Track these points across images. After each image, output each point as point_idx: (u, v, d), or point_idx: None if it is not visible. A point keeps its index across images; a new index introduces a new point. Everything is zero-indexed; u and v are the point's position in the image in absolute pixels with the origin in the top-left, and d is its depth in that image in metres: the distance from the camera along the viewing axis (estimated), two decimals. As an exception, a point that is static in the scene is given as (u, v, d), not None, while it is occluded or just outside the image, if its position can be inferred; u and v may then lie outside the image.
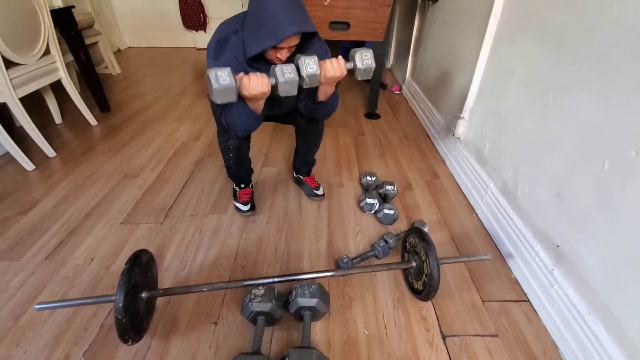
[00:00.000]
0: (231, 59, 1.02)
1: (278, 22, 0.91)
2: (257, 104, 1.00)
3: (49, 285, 1.12)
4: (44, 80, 1.90)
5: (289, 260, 1.22)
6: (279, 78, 0.91)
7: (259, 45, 0.95)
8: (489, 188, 1.41)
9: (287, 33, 0.91)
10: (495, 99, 1.41)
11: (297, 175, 1.59)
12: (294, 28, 0.92)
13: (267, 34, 0.92)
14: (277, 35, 0.91)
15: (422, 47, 2.43)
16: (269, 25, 0.91)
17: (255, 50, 0.97)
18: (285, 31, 0.91)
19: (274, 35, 0.92)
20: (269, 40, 0.93)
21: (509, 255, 1.24)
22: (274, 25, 0.91)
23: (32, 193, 1.56)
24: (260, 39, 0.94)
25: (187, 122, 2.28)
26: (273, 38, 0.92)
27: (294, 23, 0.91)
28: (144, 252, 0.95)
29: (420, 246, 1.02)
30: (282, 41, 0.93)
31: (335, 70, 0.97)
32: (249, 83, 0.90)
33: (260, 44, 0.95)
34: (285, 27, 0.91)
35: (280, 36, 0.91)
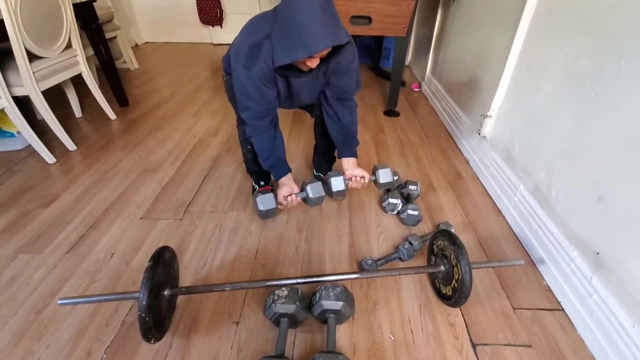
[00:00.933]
0: (263, 69, 0.98)
1: (311, 33, 0.85)
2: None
3: (71, 279, 1.11)
4: (66, 73, 1.91)
5: (310, 261, 1.19)
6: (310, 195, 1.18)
7: (289, 55, 0.91)
8: (518, 190, 1.35)
9: (320, 47, 0.86)
10: (527, 97, 1.35)
11: (317, 173, 1.55)
12: (328, 41, 0.87)
13: (299, 45, 0.87)
14: (309, 48, 0.86)
15: (444, 43, 2.36)
16: (302, 36, 0.86)
17: (285, 61, 0.92)
18: (318, 45, 0.86)
19: (307, 48, 0.87)
20: (301, 52, 0.88)
21: (541, 260, 1.18)
22: (306, 37, 0.85)
23: (53, 186, 1.56)
24: (292, 49, 0.89)
25: (204, 118, 2.27)
26: (305, 50, 0.87)
27: (328, 36, 0.86)
28: (166, 249, 0.93)
29: (451, 250, 0.97)
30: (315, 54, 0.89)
31: (358, 186, 1.27)
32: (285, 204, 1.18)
33: (291, 55, 0.90)
34: (319, 40, 0.85)
35: (314, 50, 0.87)
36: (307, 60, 0.93)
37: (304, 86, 1.10)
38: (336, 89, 1.18)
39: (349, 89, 1.19)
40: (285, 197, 1.17)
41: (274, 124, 1.14)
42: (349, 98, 1.22)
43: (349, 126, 1.25)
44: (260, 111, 1.07)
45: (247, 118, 1.09)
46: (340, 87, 1.17)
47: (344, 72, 1.12)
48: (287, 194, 1.17)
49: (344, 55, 1.05)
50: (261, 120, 1.10)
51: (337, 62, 1.06)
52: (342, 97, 1.20)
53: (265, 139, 1.13)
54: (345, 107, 1.22)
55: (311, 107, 1.32)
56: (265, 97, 1.04)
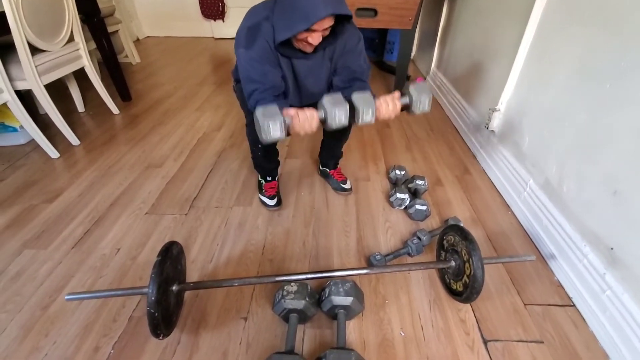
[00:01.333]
0: (264, 47, 0.97)
1: (311, 4, 0.85)
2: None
3: (77, 274, 1.10)
4: (68, 67, 1.89)
5: (318, 256, 1.18)
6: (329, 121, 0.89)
7: (290, 29, 0.90)
8: (527, 185, 1.33)
9: (321, 14, 0.85)
10: (538, 90, 1.32)
11: (323, 169, 1.53)
12: (329, 9, 0.86)
13: (299, 17, 0.87)
14: (309, 17, 0.85)
15: (451, 36, 2.32)
16: (302, 8, 0.86)
17: (285, 35, 0.91)
18: (319, 12, 0.85)
19: (307, 18, 0.86)
20: (302, 24, 0.87)
21: (551, 256, 1.16)
22: (307, 7, 0.85)
23: (57, 181, 1.55)
24: (293, 22, 0.88)
25: (207, 113, 2.25)
26: (306, 20, 0.86)
27: (328, 4, 0.85)
28: (174, 244, 0.91)
29: (462, 245, 0.96)
30: (315, 23, 0.87)
31: (390, 113, 0.97)
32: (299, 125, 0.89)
33: (291, 28, 0.89)
34: (319, 9, 0.85)
35: (314, 18, 0.85)
36: (309, 36, 0.91)
37: (310, 71, 1.07)
38: (346, 72, 1.12)
39: (360, 69, 1.12)
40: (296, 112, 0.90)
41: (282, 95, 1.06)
42: (361, 79, 1.14)
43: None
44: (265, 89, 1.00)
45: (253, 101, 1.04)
46: (350, 67, 1.11)
47: (351, 53, 1.09)
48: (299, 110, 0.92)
49: (349, 36, 1.02)
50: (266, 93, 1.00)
51: (343, 43, 1.04)
52: (353, 77, 1.12)
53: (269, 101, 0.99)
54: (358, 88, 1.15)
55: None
56: (269, 77, 1.00)
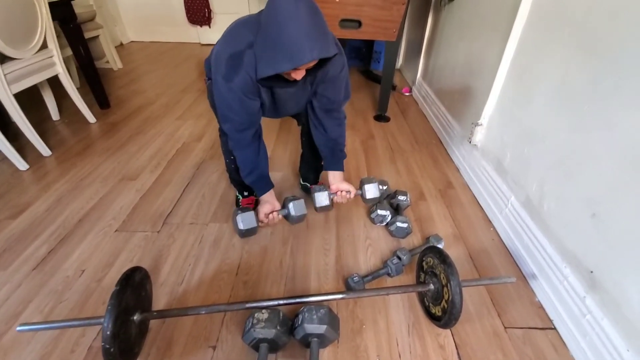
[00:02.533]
0: (245, 80, 0.92)
1: (297, 45, 0.79)
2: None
3: (36, 299, 1.03)
4: (41, 75, 1.82)
5: (294, 277, 1.14)
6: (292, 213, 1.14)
7: (272, 67, 0.84)
8: (509, 201, 1.32)
9: (306, 60, 0.80)
10: (519, 107, 1.31)
11: (304, 183, 1.50)
12: (314, 54, 0.80)
13: (283, 57, 0.81)
14: (294, 59, 0.80)
15: (435, 48, 2.33)
16: (286, 48, 0.79)
17: (268, 72, 0.86)
18: (304, 56, 0.80)
19: (291, 59, 0.80)
20: (285, 64, 0.81)
21: (532, 276, 1.14)
22: (291, 49, 0.79)
23: (24, 195, 1.47)
24: (276, 61, 0.82)
25: (189, 122, 2.19)
26: (290, 62, 0.81)
27: (314, 48, 0.80)
28: (137, 271, 0.86)
29: (441, 268, 0.93)
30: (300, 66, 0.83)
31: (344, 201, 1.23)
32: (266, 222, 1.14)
33: (274, 67, 0.84)
34: (304, 53, 0.79)
35: (299, 62, 0.80)
36: (292, 72, 0.87)
37: (290, 97, 1.05)
38: (324, 100, 1.12)
39: (337, 100, 1.13)
40: (266, 214, 1.12)
41: (257, 137, 1.08)
42: (337, 109, 1.16)
43: (337, 139, 1.20)
44: (243, 123, 1.02)
45: (228, 130, 1.04)
46: (328, 98, 1.11)
47: (332, 82, 1.07)
48: (269, 212, 1.12)
49: (332, 66, 0.99)
50: (243, 133, 1.04)
51: (325, 72, 1.01)
52: (329, 108, 1.14)
53: (248, 153, 1.08)
54: (333, 119, 1.16)
55: (298, 115, 1.26)
56: (248, 109, 0.99)
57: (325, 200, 1.18)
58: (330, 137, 1.19)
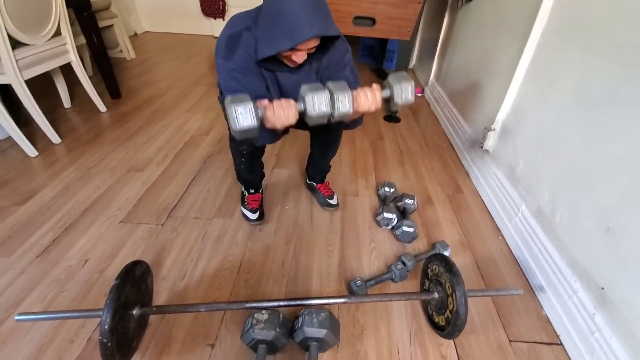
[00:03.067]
0: (244, 57, 0.90)
1: (297, 22, 0.79)
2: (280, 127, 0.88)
3: (38, 287, 1.04)
4: (53, 62, 1.83)
5: (296, 277, 1.12)
6: (309, 109, 0.82)
7: (272, 46, 0.84)
8: (520, 210, 1.28)
9: (306, 36, 0.79)
10: (534, 113, 1.27)
11: (309, 182, 1.48)
12: (314, 30, 0.80)
13: (283, 35, 0.81)
14: (294, 37, 0.80)
15: (450, 49, 2.28)
16: (286, 26, 0.80)
17: (268, 52, 0.86)
18: (304, 34, 0.79)
19: (291, 37, 0.80)
20: (285, 42, 0.81)
21: (540, 288, 1.11)
22: (291, 26, 0.79)
23: (32, 182, 1.49)
24: (275, 39, 0.83)
25: (198, 115, 2.19)
26: (290, 40, 0.80)
27: (314, 25, 0.80)
28: (138, 265, 0.85)
29: (446, 277, 0.90)
30: (300, 44, 0.82)
31: (369, 104, 0.88)
32: (274, 115, 0.81)
33: (274, 46, 0.84)
34: (304, 29, 0.79)
35: (299, 39, 0.80)
36: (293, 54, 0.86)
37: (295, 86, 1.02)
38: None
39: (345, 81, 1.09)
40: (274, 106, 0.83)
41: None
42: None
43: None
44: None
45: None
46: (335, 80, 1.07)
47: (337, 66, 1.03)
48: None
49: (335, 50, 0.97)
50: None
51: (329, 57, 0.99)
52: None
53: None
54: None
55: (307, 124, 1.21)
56: (252, 87, 0.93)
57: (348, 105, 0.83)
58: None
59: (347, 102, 0.83)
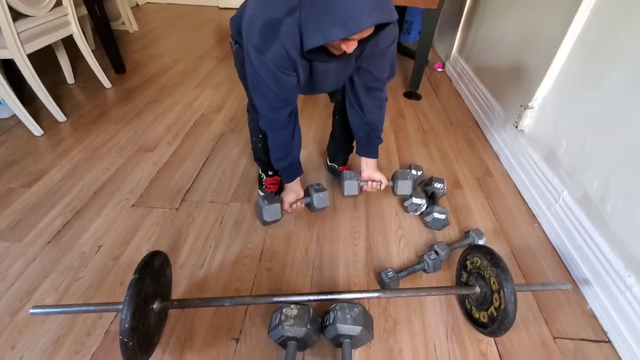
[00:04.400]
0: (280, 54, 0.78)
1: (353, 6, 0.65)
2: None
3: (51, 275, 0.98)
4: (55, 35, 1.71)
5: (321, 266, 1.06)
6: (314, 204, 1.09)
7: (323, 35, 0.70)
8: (560, 196, 1.18)
9: (365, 25, 0.67)
10: (583, 90, 1.15)
11: (331, 164, 1.38)
12: (374, 18, 0.67)
13: (336, 22, 0.67)
14: (349, 25, 0.67)
15: (478, 19, 2.10)
16: (340, 11, 0.66)
17: (317, 42, 0.72)
18: (362, 21, 0.66)
19: (345, 25, 0.67)
20: (339, 31, 0.68)
21: (585, 281, 1.03)
22: (347, 11, 0.66)
23: (38, 162, 1.41)
24: (326, 27, 0.69)
25: (207, 91, 2.07)
26: (344, 29, 0.67)
27: (374, 10, 0.66)
28: (157, 256, 0.79)
29: (491, 272, 0.82)
30: (356, 33, 0.69)
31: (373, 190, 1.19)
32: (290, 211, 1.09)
33: (325, 35, 0.70)
34: (363, 16, 0.66)
35: (355, 28, 0.67)
36: (343, 43, 0.74)
37: (331, 72, 0.91)
38: (366, 76, 0.98)
39: (381, 77, 0.99)
40: (291, 204, 1.08)
41: (293, 118, 0.96)
42: (380, 88, 1.02)
43: (375, 123, 1.07)
44: (277, 100, 0.89)
45: (261, 108, 0.92)
46: (372, 74, 0.97)
47: (379, 56, 0.92)
48: (294, 201, 1.07)
49: (384, 37, 0.85)
50: (278, 112, 0.92)
51: (375, 44, 0.87)
52: (371, 86, 1.01)
53: (282, 136, 0.96)
54: (373, 99, 1.03)
55: (334, 91, 1.13)
56: (283, 85, 0.86)
57: (355, 190, 1.15)
58: (367, 120, 1.06)
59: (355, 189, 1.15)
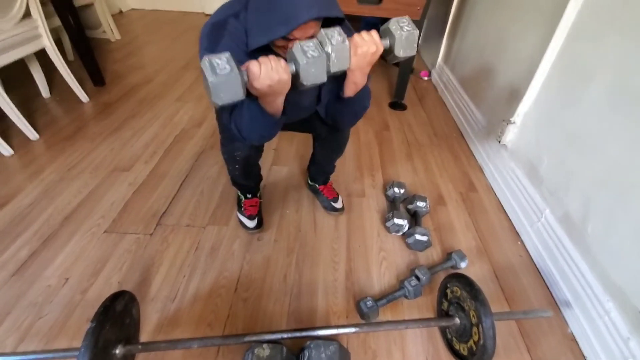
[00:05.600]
0: (229, 47, 0.74)
1: (293, 4, 0.67)
2: (276, 101, 0.73)
3: (14, 311, 0.93)
4: (24, 49, 1.64)
5: (300, 294, 1.02)
6: (299, 59, 0.65)
7: (266, 34, 0.71)
8: (543, 215, 1.17)
9: (303, 18, 0.66)
10: (563, 107, 1.14)
11: (312, 183, 1.35)
12: (313, 12, 0.67)
13: (277, 20, 0.68)
14: (289, 20, 0.67)
15: (462, 28, 2.09)
16: (280, 8, 0.68)
17: (261, 41, 0.72)
18: (300, 15, 0.66)
19: (286, 21, 0.67)
20: (280, 28, 0.68)
21: (566, 304, 1.02)
22: (286, 7, 0.67)
23: (6, 185, 1.35)
24: (269, 25, 0.70)
25: (189, 104, 2.02)
26: (285, 24, 0.68)
27: (313, 6, 0.67)
28: (119, 298, 0.74)
29: (470, 304, 0.80)
30: (297, 28, 0.68)
31: (368, 44, 0.71)
32: (260, 70, 0.64)
33: (268, 33, 0.71)
34: (301, 11, 0.66)
35: (294, 22, 0.67)
36: (289, 44, 0.71)
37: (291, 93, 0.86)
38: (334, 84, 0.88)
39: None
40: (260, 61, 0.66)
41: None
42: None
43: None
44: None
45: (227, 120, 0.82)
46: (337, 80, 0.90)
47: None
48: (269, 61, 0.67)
49: None
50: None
51: None
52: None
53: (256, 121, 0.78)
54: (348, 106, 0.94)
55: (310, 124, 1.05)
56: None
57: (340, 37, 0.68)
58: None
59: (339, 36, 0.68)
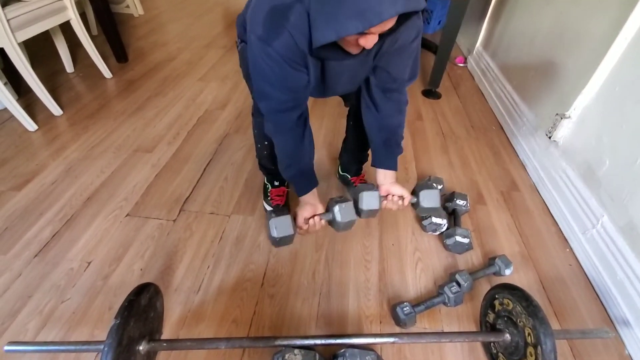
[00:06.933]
0: (288, 45, 0.66)
1: None
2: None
3: (36, 294, 0.91)
4: (50, 21, 1.60)
5: (330, 293, 0.96)
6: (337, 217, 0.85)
7: (336, 29, 0.58)
8: (599, 221, 1.06)
9: (385, 15, 0.55)
10: (637, 102, 1.00)
11: (343, 173, 1.27)
12: (398, 7, 0.55)
13: (352, 14, 0.56)
14: (368, 17, 0.55)
15: (508, 9, 1.92)
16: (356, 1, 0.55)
17: (329, 37, 0.60)
18: (383, 12, 0.54)
19: (364, 17, 0.55)
20: (355, 24, 0.56)
21: (624, 322, 0.92)
22: (365, 2, 0.54)
23: (30, 162, 1.33)
24: (340, 19, 0.57)
25: (212, 84, 1.95)
26: (362, 21, 0.55)
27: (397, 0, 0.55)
28: (144, 291, 0.69)
29: (526, 321, 0.71)
30: (376, 26, 0.57)
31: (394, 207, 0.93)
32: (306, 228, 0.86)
33: (338, 29, 0.58)
34: (383, 6, 0.54)
35: (375, 20, 0.55)
36: (361, 38, 0.61)
37: (345, 72, 0.79)
38: (383, 76, 0.85)
39: (400, 77, 0.85)
40: (306, 219, 0.87)
41: (302, 121, 0.83)
42: (398, 90, 0.88)
43: (394, 129, 0.93)
44: (285, 101, 0.77)
45: (266, 110, 0.79)
46: (389, 73, 0.83)
47: (399, 52, 0.79)
48: (310, 216, 0.87)
49: (405, 31, 0.72)
50: (285, 115, 0.79)
51: (394, 39, 0.74)
52: (389, 87, 0.87)
53: (290, 140, 0.83)
54: (391, 102, 0.89)
55: (347, 94, 1.00)
56: (291, 82, 0.74)
57: (375, 204, 0.89)
58: (386, 124, 0.93)
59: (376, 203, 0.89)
